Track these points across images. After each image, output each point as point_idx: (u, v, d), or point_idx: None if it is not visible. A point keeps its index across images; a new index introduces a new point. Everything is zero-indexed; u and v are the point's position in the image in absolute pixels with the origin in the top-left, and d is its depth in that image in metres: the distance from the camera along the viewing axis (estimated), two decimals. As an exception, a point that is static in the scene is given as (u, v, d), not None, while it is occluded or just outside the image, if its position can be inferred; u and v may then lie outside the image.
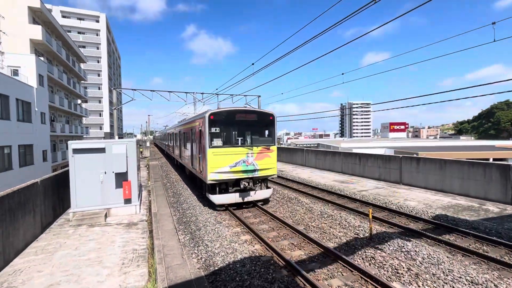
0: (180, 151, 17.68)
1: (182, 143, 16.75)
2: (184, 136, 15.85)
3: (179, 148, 18.10)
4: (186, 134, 15.07)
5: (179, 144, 18.12)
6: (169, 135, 25.71)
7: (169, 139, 25.83)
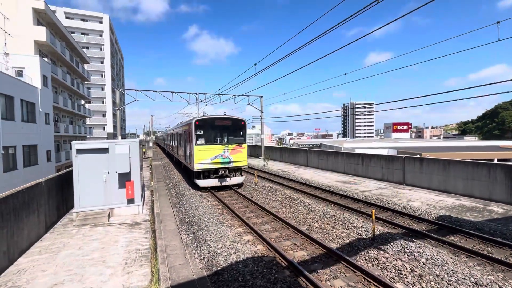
0: (176, 148, 21.51)
1: (177, 142, 20.62)
2: (178, 137, 19.76)
3: (176, 146, 22.05)
4: (179, 135, 18.83)
5: (175, 143, 22.32)
6: (168, 136, 30.92)
7: (168, 139, 31.25)
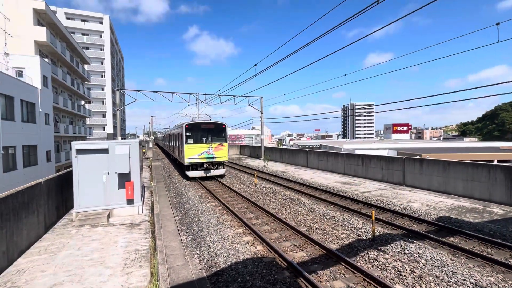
0: (172, 147, 25.88)
1: (172, 142, 24.94)
2: (173, 137, 23.87)
3: (171, 145, 26.58)
4: (174, 136, 22.86)
5: (170, 143, 26.94)
6: (165, 136, 36.20)
7: (165, 140, 36.67)
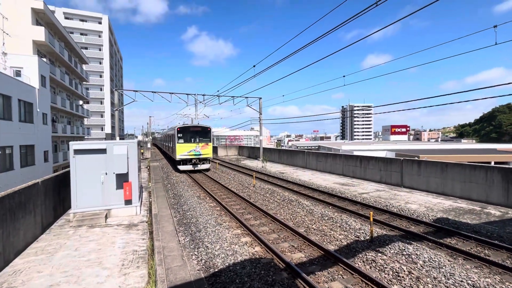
0: (167, 146, 30.64)
1: (167, 141, 29.76)
2: (168, 138, 28.64)
3: (166, 145, 31.21)
4: (169, 136, 27.40)
5: (166, 142, 31.67)
6: (162, 137, 41.56)
7: (162, 140, 42.31)
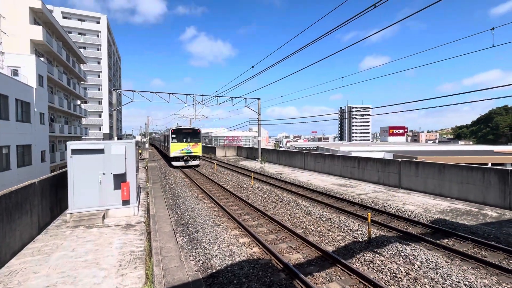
0: (163, 145, 35.16)
1: (163, 141, 34.24)
2: (164, 138, 33.19)
3: (162, 144, 36.02)
4: (164, 137, 31.71)
5: (162, 142, 36.65)
6: (159, 137, 46.13)
7: (158, 140, 47.51)
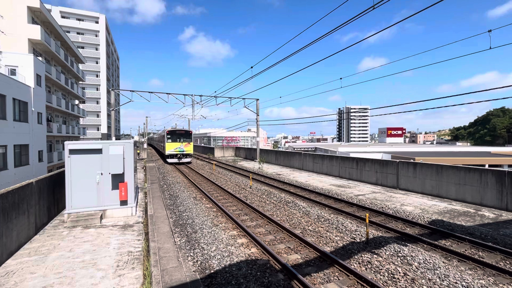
0: (159, 144, 39.30)
1: (160, 141, 37.95)
2: (160, 138, 37.41)
3: (159, 143, 40.41)
4: (161, 137, 35.79)
5: (159, 142, 40.65)
6: (157, 137, 50.50)
7: (156, 140, 51.86)
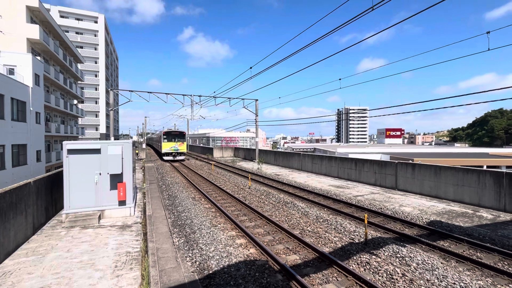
0: (156, 144, 44.51)
1: (157, 141, 43.13)
2: (157, 138, 42.47)
3: (156, 143, 45.52)
4: (158, 137, 39.56)
5: (156, 141, 46.31)
6: (154, 137, 55.87)
7: (154, 140, 56.32)
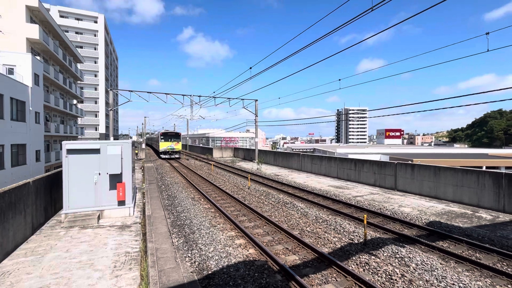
0: (155, 143, 46.60)
1: (155, 141, 46.30)
2: (156, 138, 45.17)
3: (154, 142, 47.99)
4: (156, 137, 46.32)
5: (154, 141, 49.27)
6: (153, 137, 57.74)
7: (152, 140, 58.32)
